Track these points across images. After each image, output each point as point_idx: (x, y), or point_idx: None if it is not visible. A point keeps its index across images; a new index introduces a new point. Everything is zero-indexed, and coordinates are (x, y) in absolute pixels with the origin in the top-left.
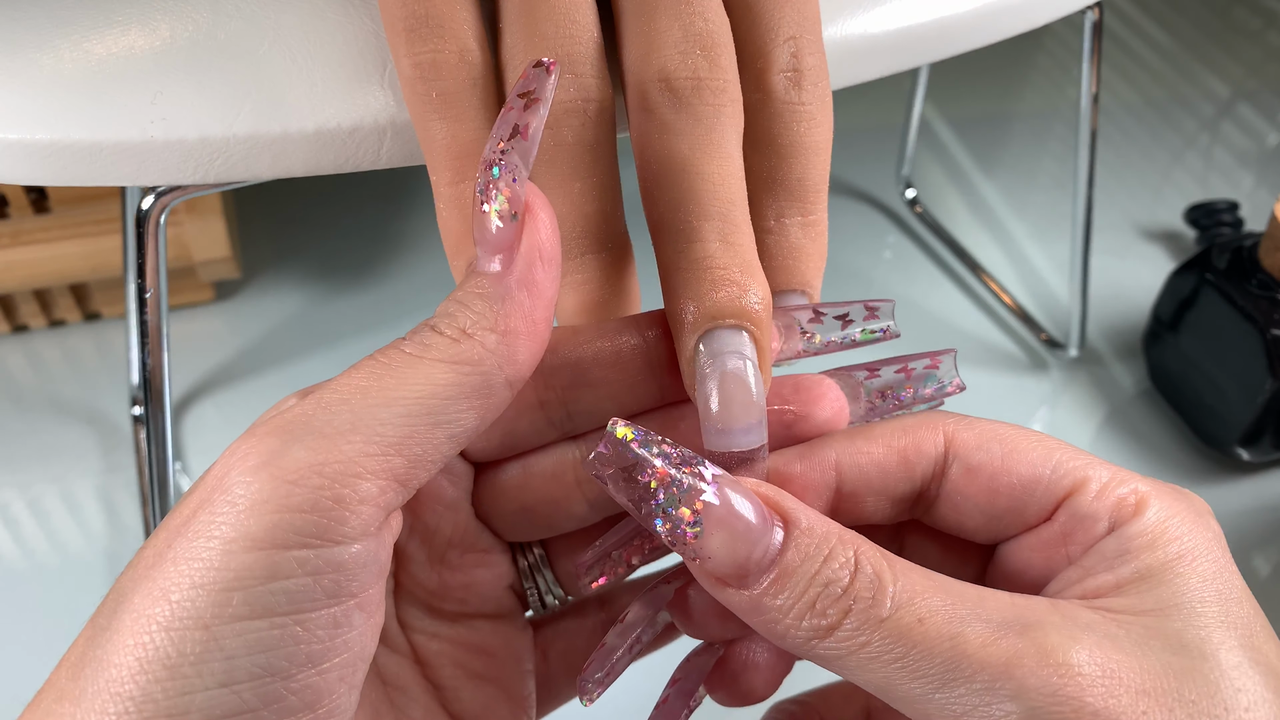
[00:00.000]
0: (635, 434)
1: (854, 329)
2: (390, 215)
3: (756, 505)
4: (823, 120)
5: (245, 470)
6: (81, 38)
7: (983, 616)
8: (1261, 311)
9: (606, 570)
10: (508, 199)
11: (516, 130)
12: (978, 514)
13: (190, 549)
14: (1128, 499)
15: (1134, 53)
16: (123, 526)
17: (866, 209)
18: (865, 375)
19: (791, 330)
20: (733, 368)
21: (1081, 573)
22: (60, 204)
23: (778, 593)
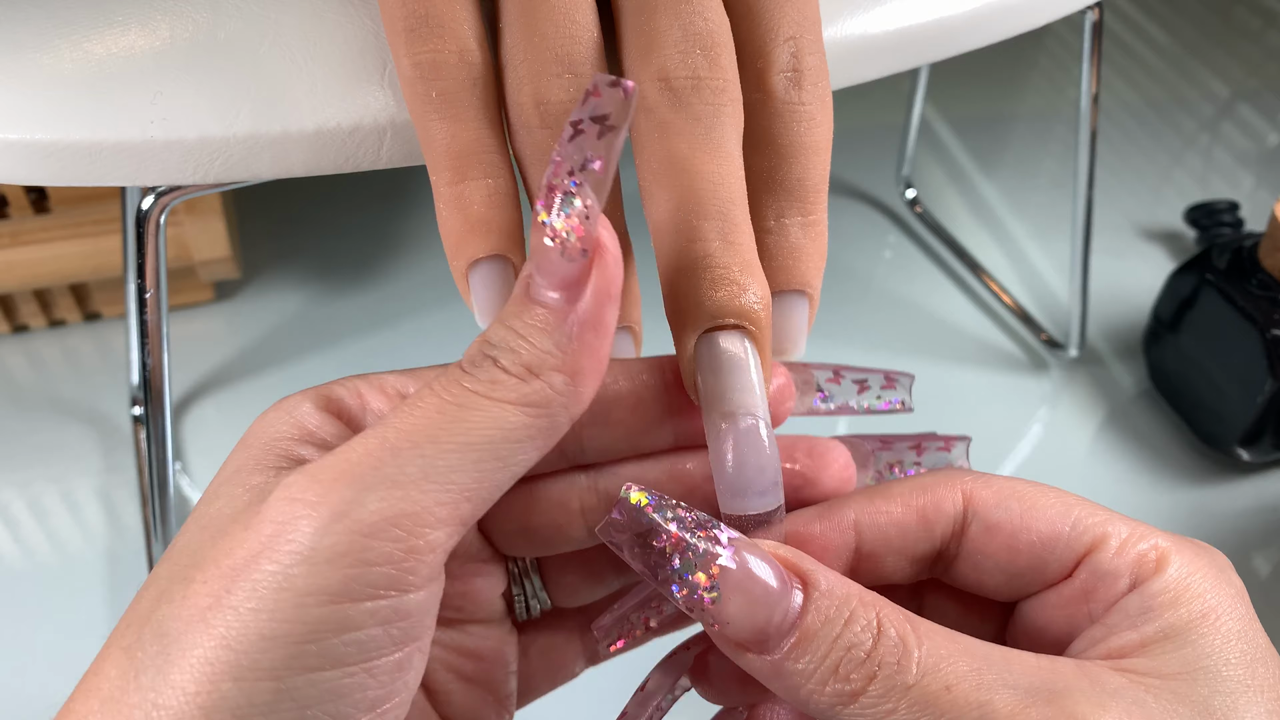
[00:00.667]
0: (649, 499)
1: (869, 396)
2: (390, 215)
3: (775, 568)
4: (823, 120)
5: (317, 521)
6: (82, 38)
7: (1010, 682)
8: (1261, 312)
9: (624, 633)
10: (580, 237)
11: (588, 161)
12: (998, 572)
13: (258, 598)
14: (1148, 555)
15: (1134, 53)
16: (123, 526)
17: (866, 209)
18: (878, 446)
19: (808, 387)
20: (746, 427)
21: (1105, 631)
22: (60, 204)
23: (799, 657)
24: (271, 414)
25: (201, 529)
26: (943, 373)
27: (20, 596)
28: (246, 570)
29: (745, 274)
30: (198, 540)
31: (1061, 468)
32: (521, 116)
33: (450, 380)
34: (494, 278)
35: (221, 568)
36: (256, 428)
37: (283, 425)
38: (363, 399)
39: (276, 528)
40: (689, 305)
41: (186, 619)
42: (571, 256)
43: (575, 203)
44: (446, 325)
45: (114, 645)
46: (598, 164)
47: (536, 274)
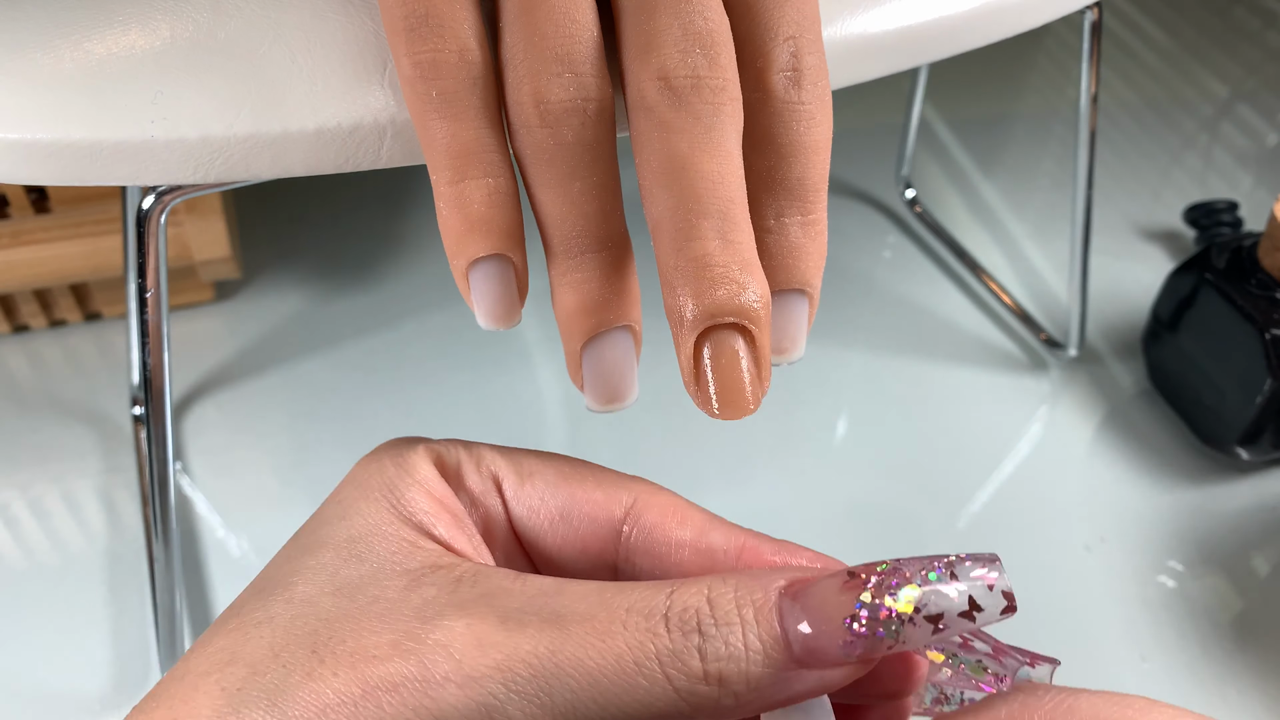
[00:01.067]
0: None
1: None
2: (390, 215)
3: None
4: (822, 120)
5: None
6: (82, 38)
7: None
8: (1260, 311)
9: None
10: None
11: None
12: None
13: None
14: None
15: (1133, 53)
16: (123, 526)
17: (866, 209)
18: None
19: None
20: None
21: None
22: (61, 204)
23: None
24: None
25: (338, 594)
26: (942, 372)
27: (20, 596)
28: (380, 695)
29: (745, 273)
30: (334, 609)
31: (1061, 467)
32: (521, 115)
33: (648, 628)
34: (494, 277)
35: (357, 672)
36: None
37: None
38: (461, 470)
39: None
40: (688, 304)
41: (307, 704)
42: (850, 650)
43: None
44: (447, 325)
45: (210, 678)
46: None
47: (803, 607)
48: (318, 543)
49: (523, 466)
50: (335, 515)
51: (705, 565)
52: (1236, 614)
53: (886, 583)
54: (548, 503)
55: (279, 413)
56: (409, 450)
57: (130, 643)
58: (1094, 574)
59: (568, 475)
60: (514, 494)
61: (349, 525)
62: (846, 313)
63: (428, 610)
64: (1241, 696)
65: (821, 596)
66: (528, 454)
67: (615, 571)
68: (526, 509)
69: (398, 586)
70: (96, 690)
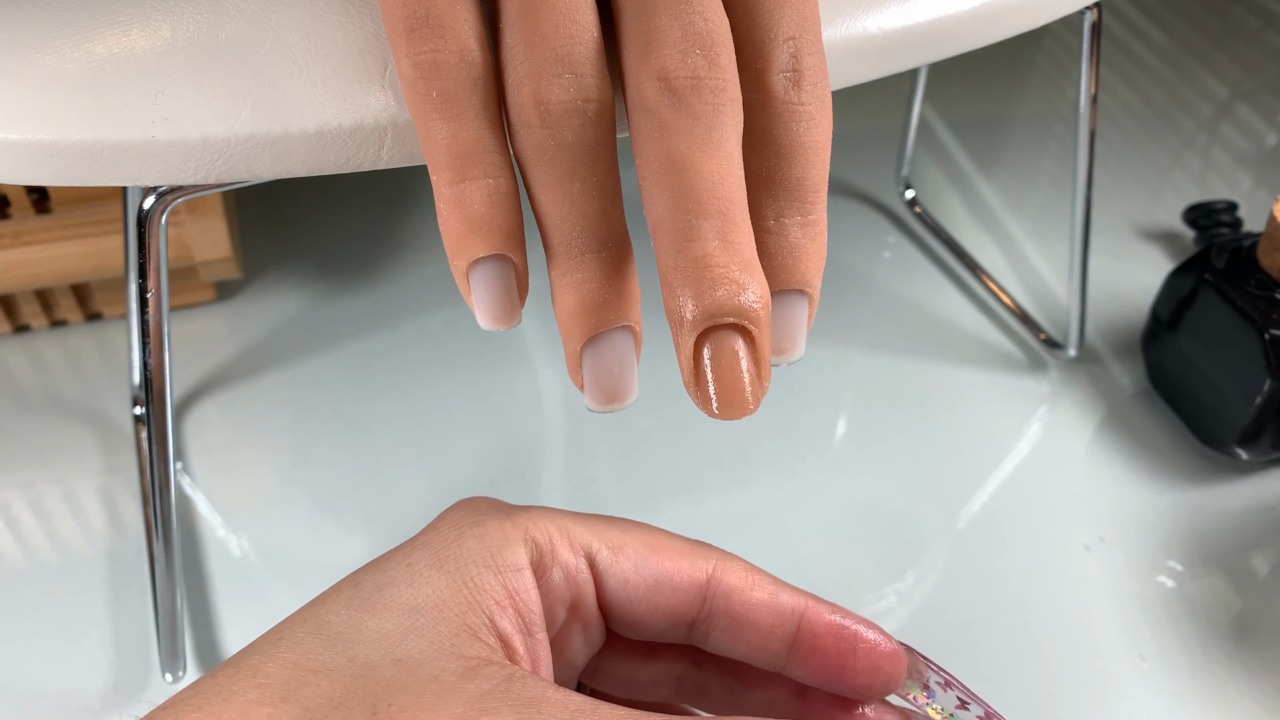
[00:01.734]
0: None
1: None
2: (391, 215)
3: None
4: (822, 120)
5: None
6: (83, 38)
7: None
8: (1260, 311)
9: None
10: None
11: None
12: None
13: None
14: None
15: (1133, 54)
16: (124, 526)
17: (866, 209)
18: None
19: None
20: None
21: None
22: (62, 204)
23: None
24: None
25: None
26: (941, 373)
27: (20, 596)
28: None
29: (744, 273)
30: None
31: (1060, 468)
32: (522, 116)
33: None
34: (494, 277)
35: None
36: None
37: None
38: (554, 548)
39: None
40: (688, 304)
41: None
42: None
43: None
44: (447, 325)
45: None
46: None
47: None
48: (382, 605)
49: (611, 539)
50: (402, 579)
51: (775, 624)
52: (1236, 614)
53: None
54: (641, 574)
55: (280, 413)
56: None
57: (130, 643)
58: (1093, 574)
59: (654, 546)
60: (609, 566)
61: (415, 593)
62: (846, 313)
63: (484, 703)
64: (1241, 696)
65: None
66: (608, 524)
67: (692, 628)
68: (619, 581)
69: (455, 670)
70: (96, 690)
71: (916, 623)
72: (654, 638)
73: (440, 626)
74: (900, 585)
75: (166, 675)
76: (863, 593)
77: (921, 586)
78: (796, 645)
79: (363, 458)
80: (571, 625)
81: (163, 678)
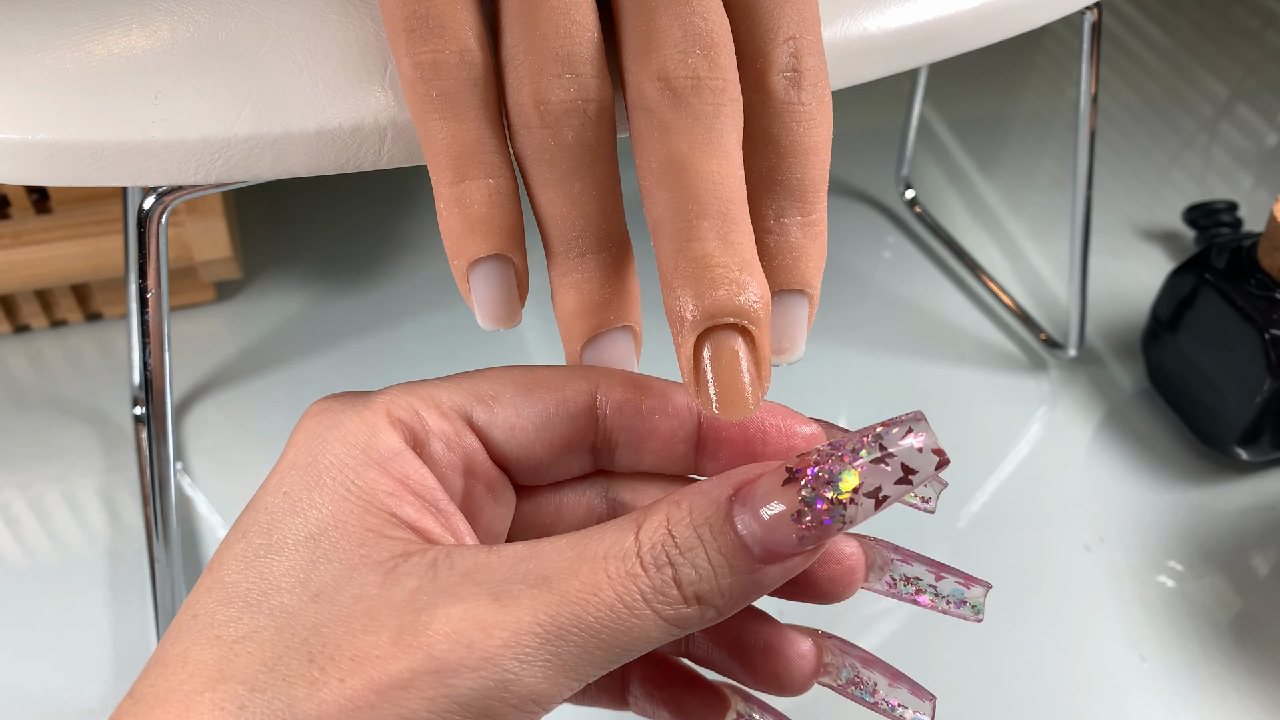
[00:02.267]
0: None
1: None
2: (391, 215)
3: None
4: (822, 120)
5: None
6: (83, 38)
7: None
8: (1260, 311)
9: None
10: (820, 537)
11: (879, 495)
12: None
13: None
14: None
15: (1133, 53)
16: (123, 526)
17: (866, 209)
18: (896, 557)
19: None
20: None
21: None
22: (62, 204)
23: None
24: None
25: (317, 600)
26: (941, 373)
27: (20, 596)
28: (396, 693)
29: (744, 273)
30: (318, 616)
31: (1060, 467)
32: (522, 116)
33: (628, 572)
34: (495, 277)
35: (364, 675)
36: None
37: (372, 473)
38: (423, 422)
39: (436, 665)
40: (688, 305)
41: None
42: (804, 542)
43: (846, 512)
44: (447, 325)
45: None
46: (880, 500)
47: (751, 512)
48: (276, 544)
49: (483, 392)
50: (285, 510)
51: (675, 425)
52: (1236, 614)
53: (823, 475)
54: (524, 416)
55: (279, 413)
56: (356, 420)
57: (130, 643)
58: (1094, 574)
59: (529, 385)
60: (487, 420)
61: (305, 521)
62: (846, 313)
63: (417, 602)
64: (1242, 696)
65: (767, 499)
66: (475, 377)
67: (595, 453)
68: (504, 431)
69: (374, 582)
70: (96, 690)
71: (916, 623)
72: (560, 476)
73: (343, 543)
74: None
75: None
76: (862, 593)
77: None
78: (702, 443)
79: None
80: (475, 489)
81: None
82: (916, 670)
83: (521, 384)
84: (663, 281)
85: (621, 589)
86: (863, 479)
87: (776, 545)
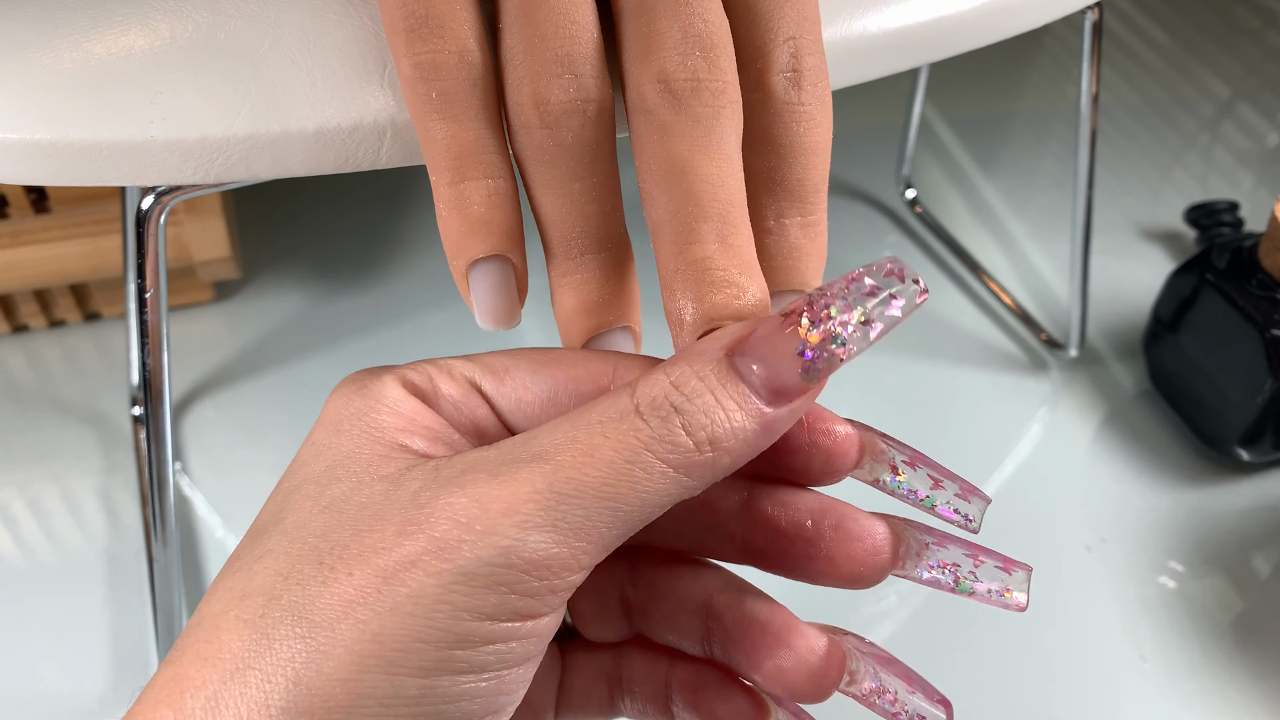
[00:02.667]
0: None
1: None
2: (390, 215)
3: None
4: (822, 120)
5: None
6: (81, 38)
7: None
8: (1261, 312)
9: None
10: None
11: (870, 323)
12: None
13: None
14: None
15: (1134, 53)
16: (122, 526)
17: (866, 209)
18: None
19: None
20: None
21: None
22: (60, 204)
23: None
24: (358, 399)
25: (326, 511)
26: (943, 373)
27: (20, 596)
28: (401, 575)
29: (744, 275)
30: (327, 523)
31: (1061, 468)
32: (521, 116)
33: (627, 428)
34: (494, 277)
35: (371, 566)
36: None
37: (383, 414)
38: (434, 384)
39: (437, 544)
40: (688, 307)
41: (332, 608)
42: (809, 376)
43: (842, 340)
44: (447, 325)
45: (228, 615)
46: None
47: (753, 358)
48: (298, 484)
49: (495, 365)
50: (310, 456)
51: None
52: (1236, 614)
53: (817, 311)
54: (532, 390)
55: (279, 413)
56: (373, 381)
57: (130, 643)
58: (1094, 574)
59: (544, 362)
60: (495, 391)
61: (325, 459)
62: None
63: (420, 498)
64: (1242, 696)
65: (767, 341)
66: (492, 355)
67: None
68: (513, 402)
69: (382, 490)
70: (96, 691)
71: (917, 623)
72: None
73: (354, 466)
74: (900, 585)
75: None
76: (863, 593)
77: (922, 587)
78: None
79: None
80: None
81: None
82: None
83: (536, 360)
84: (662, 284)
85: (620, 444)
86: (853, 307)
87: (781, 383)
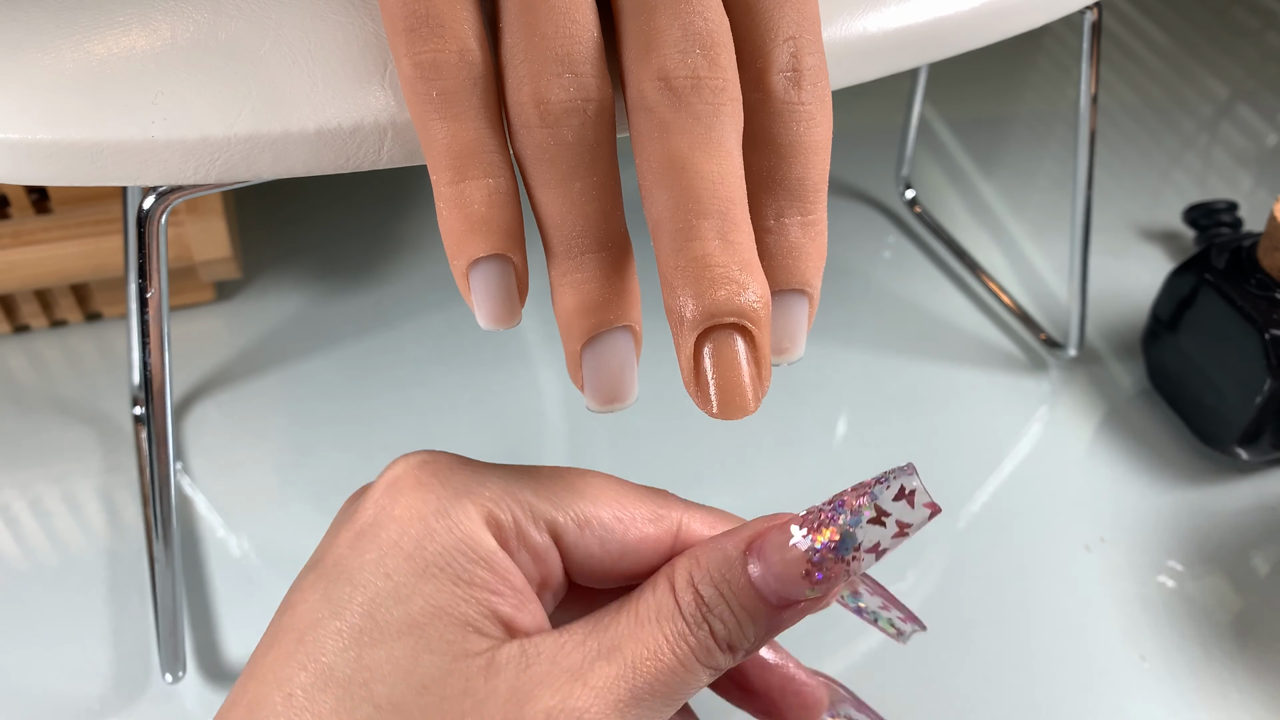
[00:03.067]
0: None
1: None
2: (391, 215)
3: None
4: (822, 120)
5: None
6: (82, 38)
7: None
8: (1260, 311)
9: None
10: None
11: (879, 548)
12: None
13: None
14: None
15: (1133, 53)
16: (123, 526)
17: (866, 209)
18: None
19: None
20: None
21: None
22: (61, 204)
23: None
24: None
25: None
26: (941, 373)
27: (20, 596)
28: None
29: (744, 273)
30: (424, 707)
31: (1060, 467)
32: (522, 116)
33: (679, 635)
34: (494, 277)
35: None
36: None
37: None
38: (520, 529)
39: None
40: (688, 304)
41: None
42: (815, 590)
43: (850, 567)
44: (447, 325)
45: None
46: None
47: (765, 567)
48: (379, 629)
49: (576, 514)
50: (389, 594)
51: None
52: (1236, 614)
53: (827, 535)
54: (607, 547)
55: (280, 413)
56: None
57: (130, 643)
58: (1094, 574)
59: (621, 518)
60: (575, 544)
61: (409, 610)
62: (846, 313)
63: (519, 695)
64: (1241, 696)
65: (779, 556)
66: (569, 491)
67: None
68: (585, 555)
69: (478, 675)
70: (96, 691)
71: None
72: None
73: (446, 634)
74: (900, 585)
75: (166, 675)
76: None
77: (921, 586)
78: None
79: (363, 458)
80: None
81: (163, 678)
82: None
83: (614, 515)
84: (663, 281)
85: (679, 649)
86: (862, 537)
87: (790, 595)
